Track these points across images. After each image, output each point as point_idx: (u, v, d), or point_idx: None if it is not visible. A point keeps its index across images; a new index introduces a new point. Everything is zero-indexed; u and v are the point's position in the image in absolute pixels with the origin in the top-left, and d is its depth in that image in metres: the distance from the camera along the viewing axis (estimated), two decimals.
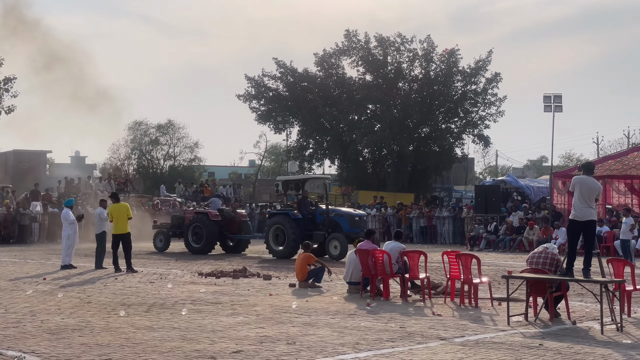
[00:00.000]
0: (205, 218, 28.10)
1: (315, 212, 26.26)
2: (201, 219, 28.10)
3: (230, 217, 28.79)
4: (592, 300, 13.65)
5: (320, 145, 55.15)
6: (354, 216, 26.34)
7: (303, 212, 26.11)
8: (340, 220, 25.70)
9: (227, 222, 28.64)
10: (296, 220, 25.70)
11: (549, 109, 36.65)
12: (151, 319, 12.12)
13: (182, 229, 29.02)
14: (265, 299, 14.85)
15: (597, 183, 12.63)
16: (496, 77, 52.22)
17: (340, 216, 26.00)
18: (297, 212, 26.05)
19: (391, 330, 11.30)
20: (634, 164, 33.28)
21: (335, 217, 25.89)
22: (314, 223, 25.93)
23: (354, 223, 25.76)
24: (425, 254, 15.90)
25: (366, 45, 53.20)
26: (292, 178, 29.77)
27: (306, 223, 25.82)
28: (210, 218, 28.08)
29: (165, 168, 68.76)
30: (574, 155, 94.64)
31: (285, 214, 26.32)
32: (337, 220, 25.72)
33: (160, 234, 29.45)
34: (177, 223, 29.81)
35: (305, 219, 25.92)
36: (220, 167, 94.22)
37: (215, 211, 28.77)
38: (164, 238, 29.23)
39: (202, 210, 29.60)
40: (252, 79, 53.93)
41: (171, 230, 29.71)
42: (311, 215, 26.20)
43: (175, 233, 29.55)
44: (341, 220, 25.70)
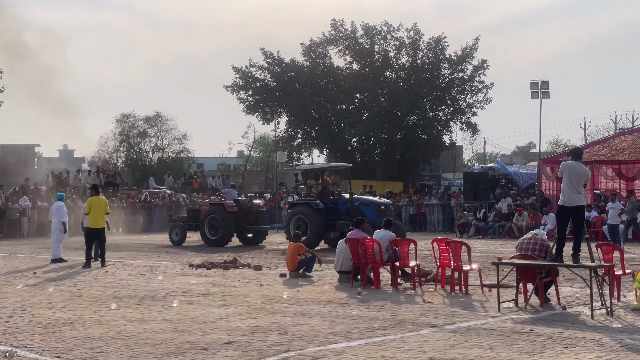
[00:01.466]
0: (221, 209, 27.67)
1: (338, 202, 25.87)
2: (217, 210, 27.66)
3: (247, 208, 28.36)
4: (582, 285, 13.73)
5: (309, 135, 55.09)
6: (379, 205, 25.91)
7: (325, 202, 25.67)
8: (364, 209, 25.23)
9: (243, 213, 28.16)
10: (318, 210, 25.23)
11: (536, 96, 36.70)
12: (142, 311, 12.12)
13: (197, 222, 28.62)
14: (257, 289, 14.87)
15: (585, 168, 12.69)
16: (483, 65, 52.22)
17: (365, 205, 25.61)
18: (319, 201, 25.59)
19: (382, 318, 11.34)
20: (622, 149, 33.40)
21: (360, 206, 25.48)
22: (336, 212, 25.49)
23: (379, 212, 25.28)
24: (415, 242, 15.96)
25: (353, 35, 53.11)
26: (312, 167, 29.03)
27: (328, 212, 25.37)
28: (226, 209, 27.64)
29: (154, 160, 68.59)
30: (562, 141, 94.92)
31: (307, 203, 25.82)
32: (361, 209, 25.22)
33: (176, 227, 28.96)
34: (193, 216, 29.43)
35: (327, 209, 25.46)
36: (209, 159, 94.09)
37: (231, 202, 28.31)
38: (180, 231, 28.72)
39: (218, 201, 29.11)
40: (239, 69, 53.78)
41: (187, 223, 29.25)
42: (333, 204, 25.77)
43: (191, 226, 29.12)
44: (366, 209, 25.25)
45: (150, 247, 26.97)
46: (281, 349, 9.15)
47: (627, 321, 11.03)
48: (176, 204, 39.37)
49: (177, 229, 28.87)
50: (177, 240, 28.49)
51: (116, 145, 68.06)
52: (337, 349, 9.16)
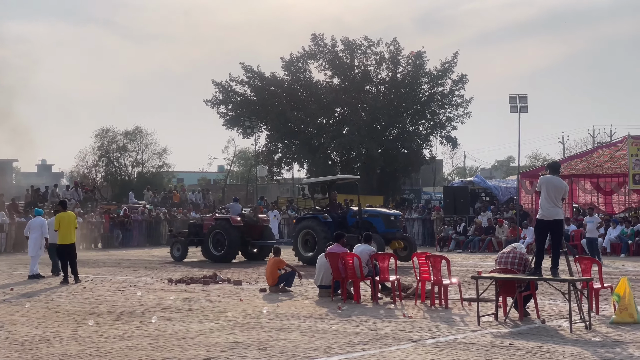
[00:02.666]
0: (227, 224, 26.81)
1: (346, 214, 25.33)
2: (223, 226, 26.80)
3: (252, 222, 27.59)
4: (560, 298, 13.77)
5: (289, 149, 55.10)
6: (389, 216, 25.42)
7: (332, 215, 25.13)
8: (374, 221, 24.78)
9: (248, 228, 27.35)
10: (326, 224, 24.56)
11: (514, 110, 36.93)
12: (120, 327, 12.02)
13: (200, 237, 27.77)
14: (236, 304, 14.79)
15: (563, 182, 12.75)
16: (462, 79, 52.53)
17: (375, 216, 25.10)
18: (326, 215, 25.00)
19: (362, 333, 11.31)
20: (599, 163, 33.70)
21: (369, 217, 24.97)
22: (344, 225, 24.75)
23: (389, 223, 24.87)
24: (395, 256, 15.93)
25: (333, 49, 53.28)
26: (319, 180, 28.28)
27: (336, 226, 24.45)
28: (232, 224, 26.79)
29: (133, 175, 68.24)
30: (541, 155, 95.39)
31: (314, 217, 25.14)
32: (370, 221, 24.76)
33: (178, 242, 28.18)
34: (195, 231, 28.46)
35: (335, 222, 24.84)
36: (189, 173, 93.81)
37: (236, 216, 27.43)
38: (181, 247, 27.91)
39: (223, 216, 27.95)
40: (219, 84, 53.75)
41: (188, 238, 28.40)
42: (341, 218, 25.19)
43: (193, 241, 28.18)
44: (376, 221, 24.80)
45: (129, 263, 26.77)
46: None
47: (606, 335, 11.06)
48: (156, 219, 39.18)
49: (178, 245, 28.08)
50: (178, 256, 27.70)
51: (95, 160, 67.66)
52: None
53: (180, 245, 27.99)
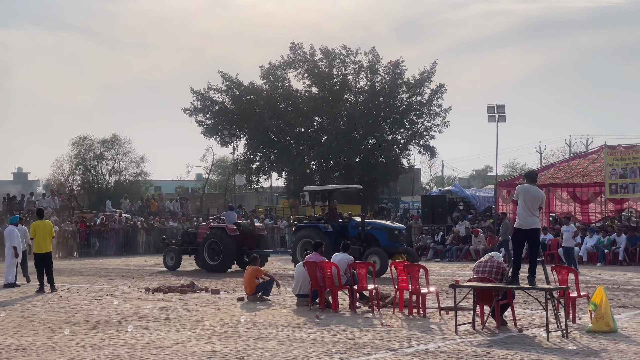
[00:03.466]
0: (222, 233, 26.29)
1: (347, 225, 24.68)
2: (218, 234, 26.28)
3: (248, 231, 27.11)
4: (537, 307, 13.81)
5: (268, 158, 55.08)
6: (393, 229, 24.69)
7: (333, 225, 24.55)
8: (377, 234, 24.16)
9: (244, 237, 26.85)
10: (327, 234, 23.99)
11: (492, 119, 37.17)
12: (97, 336, 11.93)
13: (193, 246, 27.32)
14: (214, 313, 14.73)
15: (540, 192, 12.82)
16: (441, 88, 52.81)
17: (378, 229, 24.42)
18: (327, 224, 24.46)
19: (340, 342, 11.30)
20: (576, 172, 33.93)
21: (372, 230, 24.34)
22: (345, 237, 23.52)
23: (393, 237, 24.20)
24: (373, 265, 15.95)
25: (311, 58, 53.38)
26: (320, 188, 27.54)
27: (337, 236, 23.91)
28: (228, 233, 26.27)
29: (110, 183, 67.91)
30: (518, 164, 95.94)
31: (314, 226, 24.60)
32: (373, 233, 24.20)
33: (171, 251, 27.66)
34: (188, 239, 27.94)
35: (336, 232, 24.27)
36: (167, 182, 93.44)
37: (232, 225, 26.88)
38: (174, 256, 27.38)
39: (218, 224, 27.31)
40: (197, 92, 53.69)
41: (182, 247, 27.86)
42: (342, 228, 24.59)
43: (187, 250, 27.64)
44: (379, 234, 24.16)
45: (105, 272, 26.56)
46: None
47: (583, 343, 11.12)
48: (133, 228, 38.96)
49: (172, 253, 27.58)
50: (172, 265, 27.18)
51: (72, 168, 67.29)
52: None
53: (174, 254, 27.52)
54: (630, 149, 30.12)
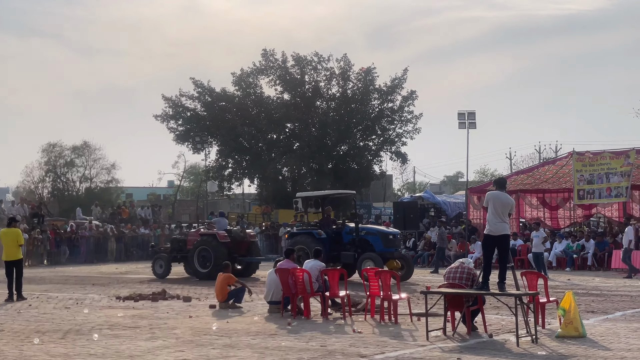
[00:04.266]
0: (213, 240, 25.84)
1: (341, 231, 24.53)
2: (208, 241, 25.82)
3: (239, 238, 26.64)
4: (507, 312, 13.92)
5: (240, 165, 55.00)
6: (388, 234, 24.55)
7: (327, 231, 24.35)
8: (371, 239, 24.02)
9: (235, 244, 26.32)
10: (321, 240, 23.76)
11: (463, 126, 37.36)
12: (67, 346, 11.83)
13: (183, 253, 26.74)
14: (185, 321, 14.67)
15: (509, 198, 12.95)
16: (412, 95, 53.08)
17: (372, 235, 24.26)
18: (321, 231, 24.24)
19: (312, 349, 11.31)
20: (545, 178, 34.26)
21: (366, 235, 24.18)
22: (339, 243, 24.18)
23: (387, 242, 24.02)
24: (344, 271, 15.98)
25: (283, 65, 53.43)
26: (313, 194, 27.18)
27: (331, 243, 24.00)
28: (218, 240, 25.80)
29: (81, 190, 67.44)
30: (489, 170, 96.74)
31: (308, 233, 24.38)
32: (368, 239, 24.06)
33: (160, 259, 27.01)
34: (178, 246, 27.28)
35: (330, 239, 24.15)
36: (139, 188, 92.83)
37: (223, 232, 26.35)
38: (164, 263, 26.72)
39: (208, 231, 26.84)
40: (169, 99, 53.49)
41: (171, 254, 27.22)
42: (335, 234, 24.45)
43: (176, 257, 27.06)
44: (373, 239, 24.01)
45: (76, 280, 26.35)
46: None
47: (552, 348, 11.22)
48: (104, 235, 38.71)
49: (161, 261, 26.91)
50: (161, 272, 26.60)
51: (42, 175, 66.76)
52: None
53: (163, 261, 26.89)
54: (597, 155, 30.48)
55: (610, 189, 29.76)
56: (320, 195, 26.72)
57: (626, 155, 29.55)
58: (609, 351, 10.90)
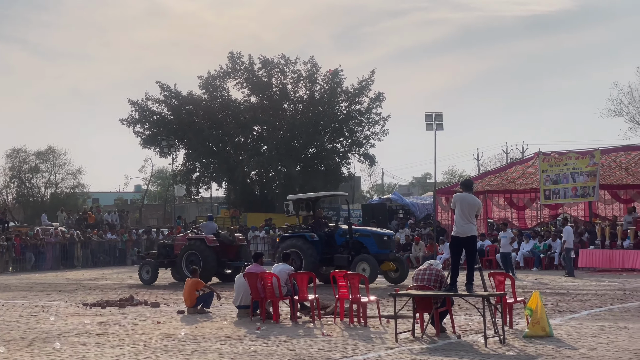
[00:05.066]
0: (201, 244, 25.47)
1: (334, 233, 24.19)
2: (197, 246, 25.45)
3: (228, 242, 26.17)
4: (475, 313, 14.00)
5: (207, 168, 54.79)
6: (382, 235, 24.13)
7: (319, 234, 24.02)
8: (365, 241, 23.68)
9: (224, 248, 25.88)
10: (313, 243, 23.60)
11: (430, 127, 37.60)
12: (33, 354, 11.69)
13: (170, 258, 26.33)
14: (153, 327, 14.57)
15: (476, 199, 13.03)
16: (379, 97, 53.22)
17: (366, 236, 23.93)
18: (314, 234, 23.92)
19: (281, 353, 11.28)
20: (512, 179, 34.55)
21: (360, 237, 23.84)
22: (331, 245, 23.89)
23: (382, 243, 23.65)
24: (313, 274, 15.97)
25: (250, 67, 53.32)
26: (304, 196, 26.66)
27: (324, 245, 23.75)
28: (207, 244, 25.41)
29: (46, 196, 66.81)
30: (457, 171, 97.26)
31: (301, 236, 23.99)
32: (361, 240, 23.73)
33: (147, 264, 26.37)
34: (165, 252, 26.86)
35: (322, 241, 23.85)
36: (105, 193, 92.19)
37: (211, 236, 25.95)
38: (151, 269, 26.10)
39: (197, 235, 26.46)
40: (135, 102, 53.12)
41: (158, 259, 26.63)
42: (328, 237, 24.14)
43: (163, 263, 26.52)
44: (367, 241, 23.67)
45: (42, 286, 26.07)
46: None
47: (519, 348, 11.30)
48: (70, 241, 38.33)
49: (147, 267, 26.28)
50: (148, 278, 25.94)
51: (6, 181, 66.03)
52: None
53: (150, 267, 26.27)
54: (563, 156, 30.81)
55: (577, 188, 30.08)
56: (311, 197, 26.23)
57: (591, 155, 29.89)
58: (575, 350, 11.00)
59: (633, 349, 10.98)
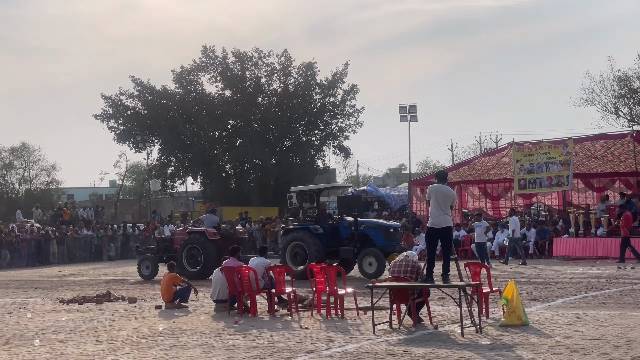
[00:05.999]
0: (202, 238, 24.94)
1: (339, 226, 23.61)
2: (198, 240, 24.93)
3: (229, 235, 25.54)
4: (452, 304, 14.08)
5: (182, 163, 54.66)
6: (389, 228, 23.57)
7: (324, 226, 23.46)
8: (372, 233, 23.08)
9: (225, 241, 24.98)
10: (318, 236, 23.05)
11: (404, 119, 37.72)
12: (10, 352, 11.63)
13: (170, 252, 25.79)
14: (131, 322, 14.54)
15: (451, 190, 13.12)
16: (353, 89, 53.35)
17: (372, 228, 23.33)
18: (318, 226, 23.33)
19: (259, 347, 11.31)
20: (486, 169, 34.77)
21: (366, 229, 23.21)
22: (336, 238, 23.32)
23: (389, 236, 23.08)
24: (290, 268, 16.00)
25: (224, 61, 53.20)
26: (308, 188, 25.99)
27: (328, 238, 23.22)
28: (208, 237, 24.85)
29: (20, 192, 66.34)
30: (431, 162, 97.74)
31: (305, 228, 23.36)
32: (367, 233, 23.12)
33: (147, 260, 25.98)
34: (164, 246, 26.59)
35: (327, 234, 23.30)
36: (80, 189, 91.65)
37: (212, 229, 25.37)
38: (151, 264, 25.68)
39: (197, 229, 25.92)
40: (109, 98, 52.83)
41: (157, 254, 26.24)
42: (333, 229, 23.56)
43: (162, 258, 25.79)
44: (373, 233, 23.07)
45: (18, 284, 25.89)
46: None
47: (496, 338, 11.41)
48: (46, 237, 38.07)
49: (147, 262, 25.86)
50: (148, 274, 25.47)
51: None
52: None
53: (150, 262, 25.87)
54: (536, 145, 31.05)
55: (551, 178, 30.34)
56: (315, 189, 25.74)
57: (564, 145, 30.15)
58: (551, 338, 11.13)
59: (608, 336, 11.14)
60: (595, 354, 9.83)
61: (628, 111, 51.38)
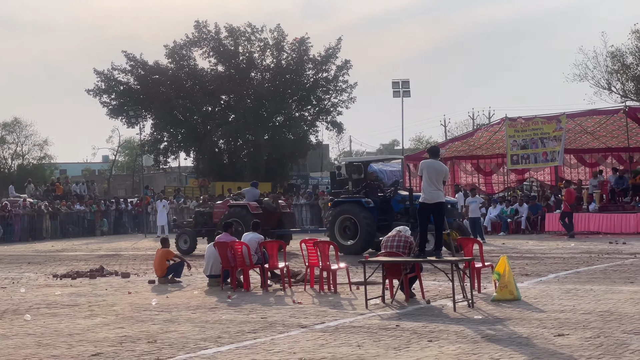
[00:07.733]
0: (244, 212, 24.21)
1: (390, 200, 22.67)
2: (239, 213, 24.17)
3: (271, 209, 25.11)
4: (444, 278, 14.14)
5: (175, 138, 54.52)
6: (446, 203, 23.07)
7: (374, 199, 22.52)
8: None
9: (267, 216, 24.49)
10: (369, 209, 22.20)
11: (397, 95, 37.73)
12: (3, 326, 11.66)
13: (209, 227, 25.20)
14: (124, 297, 14.59)
15: (443, 166, 13.14)
16: (346, 64, 53.16)
17: None
18: (369, 200, 22.41)
19: (253, 321, 11.36)
20: (479, 145, 34.81)
21: None
22: (388, 212, 22.39)
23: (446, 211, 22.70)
24: (283, 243, 16.02)
25: (217, 36, 52.93)
26: (359, 159, 24.51)
27: (379, 212, 22.32)
28: (250, 211, 24.08)
29: (13, 167, 66.20)
30: (424, 137, 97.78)
31: (356, 201, 22.49)
32: None
33: (185, 234, 25.81)
34: (203, 220, 26.05)
35: (378, 207, 22.40)
36: (73, 164, 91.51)
37: (254, 203, 24.83)
38: (189, 238, 25.49)
39: (239, 202, 25.23)
40: (101, 73, 52.56)
41: (195, 228, 25.96)
42: (384, 202, 22.67)
43: (200, 232, 25.78)
44: None
45: (11, 259, 25.94)
46: (150, 358, 9.03)
47: (488, 312, 11.49)
48: (38, 212, 38.04)
49: (185, 236, 25.67)
50: (186, 248, 25.10)
51: None
52: (208, 355, 9.12)
53: (188, 236, 25.63)
54: (530, 121, 31.08)
55: (547, 153, 30.40)
56: (366, 160, 24.48)
57: (557, 120, 30.19)
58: (543, 313, 11.20)
59: (599, 310, 11.21)
60: (587, 328, 9.90)
61: (621, 87, 51.43)
